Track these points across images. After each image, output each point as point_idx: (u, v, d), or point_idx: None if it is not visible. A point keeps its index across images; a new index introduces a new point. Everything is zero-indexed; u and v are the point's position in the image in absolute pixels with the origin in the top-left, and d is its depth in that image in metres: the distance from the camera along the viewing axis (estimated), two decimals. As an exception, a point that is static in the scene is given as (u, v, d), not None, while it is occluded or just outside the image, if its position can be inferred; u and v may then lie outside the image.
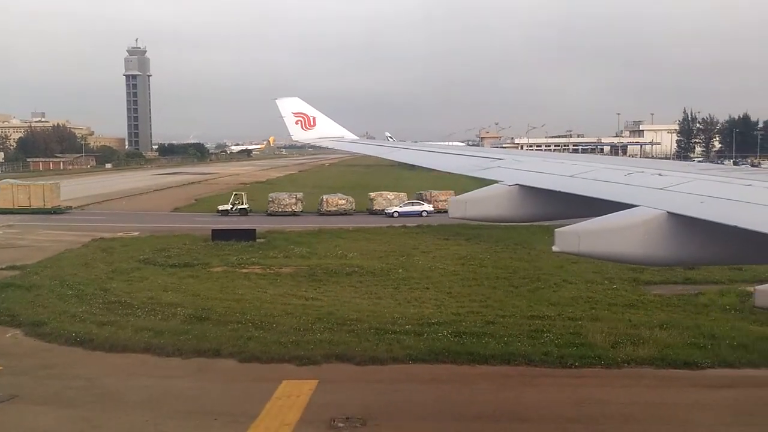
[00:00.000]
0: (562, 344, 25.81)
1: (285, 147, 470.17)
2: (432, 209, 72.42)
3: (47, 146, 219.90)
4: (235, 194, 76.48)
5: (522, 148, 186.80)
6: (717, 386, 22.20)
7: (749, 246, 8.17)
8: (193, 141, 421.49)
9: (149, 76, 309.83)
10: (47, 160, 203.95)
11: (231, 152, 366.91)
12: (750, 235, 7.47)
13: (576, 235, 8.77)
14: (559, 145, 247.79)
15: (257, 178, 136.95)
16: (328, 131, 27.10)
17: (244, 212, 73.57)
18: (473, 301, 33.88)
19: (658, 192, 9.67)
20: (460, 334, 26.96)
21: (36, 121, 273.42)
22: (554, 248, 8.86)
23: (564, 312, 31.34)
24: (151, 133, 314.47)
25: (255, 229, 53.65)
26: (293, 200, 74.24)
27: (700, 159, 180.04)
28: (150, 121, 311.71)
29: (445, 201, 72.69)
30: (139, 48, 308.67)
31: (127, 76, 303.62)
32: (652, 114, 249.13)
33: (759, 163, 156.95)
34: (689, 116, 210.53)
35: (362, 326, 28.00)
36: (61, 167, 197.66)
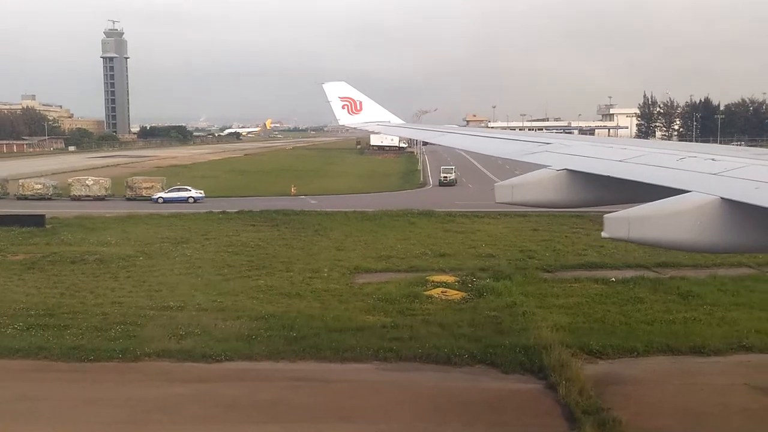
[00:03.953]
0: (119, 337, 25.88)
1: (281, 130, 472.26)
2: (202, 195, 71.80)
3: (14, 128, 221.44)
4: None
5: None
6: (190, 381, 22.12)
7: None
8: (203, 122, 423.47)
9: (127, 58, 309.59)
10: (11, 142, 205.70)
11: (219, 135, 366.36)
12: None
13: (626, 221, 8.68)
14: (533, 128, 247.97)
15: (186, 162, 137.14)
16: (374, 116, 27.12)
17: None
18: (149, 291, 33.89)
19: (712, 177, 9.42)
20: (34, 327, 26.99)
21: (21, 103, 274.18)
22: (603, 234, 8.81)
23: (210, 302, 31.40)
24: (129, 115, 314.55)
25: (44, 215, 53.85)
26: None
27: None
28: (128, 103, 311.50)
29: (149, 188, 72.43)
30: (116, 30, 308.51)
31: (104, 59, 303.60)
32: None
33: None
34: (649, 100, 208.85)
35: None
36: (24, 149, 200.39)
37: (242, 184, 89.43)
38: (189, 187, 72.90)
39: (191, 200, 69.95)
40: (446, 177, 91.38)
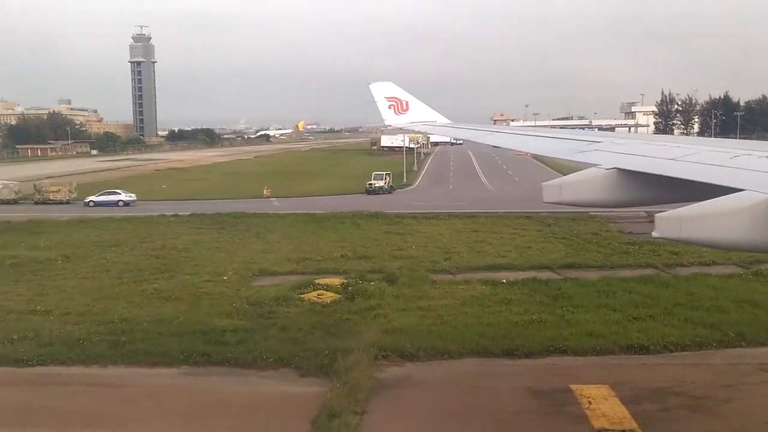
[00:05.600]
0: None
1: (316, 132, 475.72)
2: (132, 198, 72.63)
3: (39, 133, 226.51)
4: None
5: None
6: None
7: None
8: (243, 125, 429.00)
9: (154, 62, 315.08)
10: (35, 146, 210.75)
11: (249, 138, 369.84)
12: None
13: (677, 221, 8.60)
14: (554, 127, 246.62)
15: (187, 165, 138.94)
16: (420, 115, 27.10)
17: None
18: (36, 295, 33.76)
19: (766, 176, 9.24)
20: None
21: (49, 108, 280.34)
22: (654, 233, 8.73)
23: (81, 307, 31.48)
24: (156, 119, 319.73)
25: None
26: None
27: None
28: (155, 107, 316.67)
29: (56, 192, 73.01)
30: (144, 35, 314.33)
31: (132, 63, 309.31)
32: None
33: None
34: (667, 98, 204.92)
35: None
36: (48, 153, 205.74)
37: (224, 186, 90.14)
38: (119, 191, 74.34)
39: (121, 203, 71.05)
40: (372, 184, 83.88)
